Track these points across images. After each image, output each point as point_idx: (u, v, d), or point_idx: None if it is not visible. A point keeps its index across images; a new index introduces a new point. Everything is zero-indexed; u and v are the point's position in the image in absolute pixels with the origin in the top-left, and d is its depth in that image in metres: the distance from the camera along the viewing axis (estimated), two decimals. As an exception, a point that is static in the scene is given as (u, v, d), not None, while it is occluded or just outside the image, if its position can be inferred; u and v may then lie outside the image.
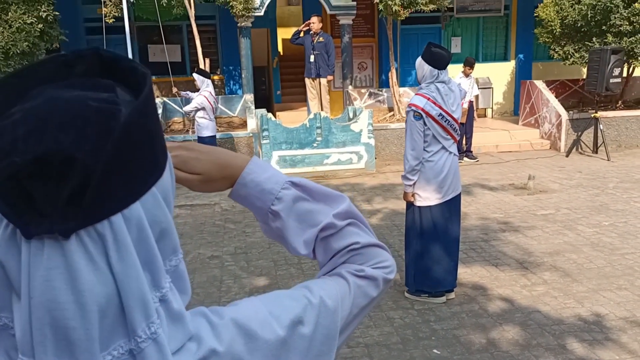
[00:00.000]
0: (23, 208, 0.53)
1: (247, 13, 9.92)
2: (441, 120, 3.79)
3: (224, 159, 0.85)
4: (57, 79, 0.58)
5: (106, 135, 0.54)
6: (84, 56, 0.61)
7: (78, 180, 0.52)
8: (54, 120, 0.53)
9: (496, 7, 12.69)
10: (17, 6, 7.65)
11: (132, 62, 0.63)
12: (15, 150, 0.52)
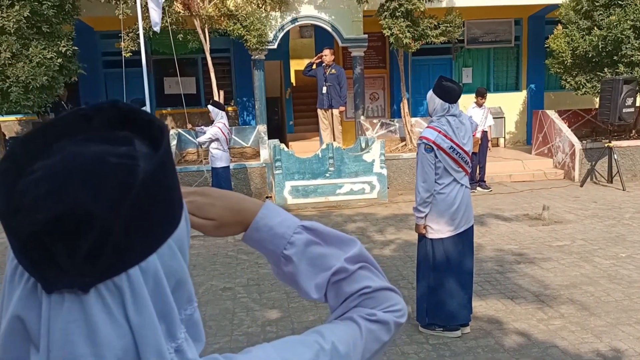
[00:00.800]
0: (44, 263, 0.54)
1: (261, 46, 10.11)
2: (452, 152, 3.80)
3: (237, 203, 0.86)
4: (77, 132, 0.60)
5: (125, 192, 0.55)
6: (102, 109, 0.63)
7: (96, 237, 0.54)
8: (73, 179, 0.54)
9: (506, 38, 12.80)
10: (38, 41, 7.88)
11: (149, 115, 0.65)
12: (36, 208, 0.54)
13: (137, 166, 0.58)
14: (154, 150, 0.61)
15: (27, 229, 0.54)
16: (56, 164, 0.56)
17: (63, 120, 0.62)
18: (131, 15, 8.96)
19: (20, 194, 0.56)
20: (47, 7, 7.80)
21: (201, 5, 9.68)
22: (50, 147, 0.59)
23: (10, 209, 0.56)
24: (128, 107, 0.65)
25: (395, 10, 8.61)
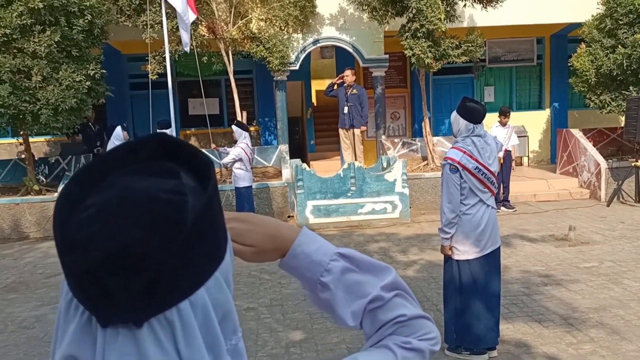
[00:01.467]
0: (100, 299, 0.56)
1: (283, 67, 10.24)
2: (478, 173, 3.78)
3: (275, 230, 0.88)
4: (124, 165, 0.62)
5: (176, 230, 0.57)
6: (148, 142, 0.65)
7: (150, 274, 0.56)
8: (125, 216, 0.56)
9: (529, 56, 12.75)
10: (68, 65, 8.10)
11: (194, 149, 0.67)
12: (91, 245, 0.56)
13: (186, 202, 0.59)
14: (200, 183, 0.63)
15: (83, 265, 0.56)
16: (108, 201, 0.58)
17: (112, 154, 0.64)
18: (157, 39, 9.17)
19: (75, 230, 0.58)
20: (77, 31, 8.04)
21: (225, 28, 9.87)
22: (102, 182, 0.61)
23: (66, 245, 0.58)
24: (173, 140, 0.67)
25: (416, 31, 8.66)
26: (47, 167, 9.91)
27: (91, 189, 0.60)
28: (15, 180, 9.65)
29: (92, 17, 8.18)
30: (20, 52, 7.88)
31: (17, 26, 7.67)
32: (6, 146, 11.82)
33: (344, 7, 10.60)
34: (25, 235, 8.84)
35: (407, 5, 8.62)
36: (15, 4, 7.62)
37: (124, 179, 0.60)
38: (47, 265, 7.14)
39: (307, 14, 10.33)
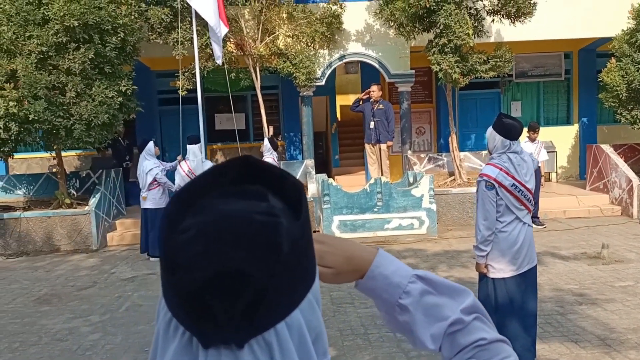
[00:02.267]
0: (202, 320, 0.57)
1: (309, 83, 10.32)
2: (514, 190, 3.73)
3: (353, 251, 0.88)
4: (214, 187, 0.64)
5: (274, 251, 0.58)
6: (234, 165, 0.67)
7: (252, 295, 0.57)
8: (225, 238, 0.58)
9: (556, 71, 12.63)
10: (101, 81, 8.29)
11: (279, 171, 0.68)
12: (195, 267, 0.57)
13: (281, 224, 0.60)
14: (287, 205, 0.63)
15: (186, 286, 0.57)
16: (206, 223, 0.59)
17: (202, 178, 0.66)
18: (187, 55, 9.34)
19: (177, 251, 0.59)
20: (110, 49, 8.23)
21: (253, 45, 10.01)
22: (195, 204, 0.62)
23: (169, 265, 0.59)
24: (258, 163, 0.68)
25: (444, 46, 8.65)
26: (78, 181, 10.11)
27: (186, 211, 0.62)
28: (47, 194, 9.86)
29: (125, 34, 8.37)
30: (55, 69, 8.10)
31: (52, 44, 7.89)
32: (38, 160, 12.09)
33: (370, 23, 10.67)
34: (56, 248, 9.00)
35: (434, 21, 8.63)
36: (51, 23, 7.85)
37: (217, 202, 0.61)
38: (78, 278, 7.25)
39: (334, 30, 10.42)
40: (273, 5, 10.15)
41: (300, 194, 0.65)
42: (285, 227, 0.60)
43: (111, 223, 9.72)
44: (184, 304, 0.58)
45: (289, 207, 0.63)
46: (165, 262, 0.60)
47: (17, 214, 8.95)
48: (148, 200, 7.90)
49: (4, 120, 7.74)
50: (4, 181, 10.15)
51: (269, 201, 0.62)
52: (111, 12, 8.10)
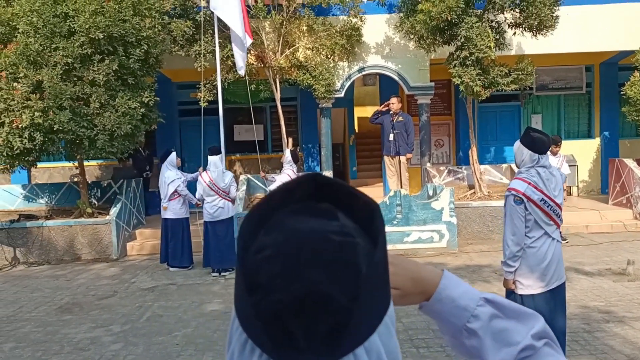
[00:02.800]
0: (281, 343, 0.56)
1: (329, 95, 10.34)
2: (543, 205, 3.68)
3: (418, 273, 0.87)
4: (283, 205, 0.63)
5: (354, 273, 0.57)
6: (303, 182, 0.66)
7: (334, 318, 0.56)
8: (304, 258, 0.57)
9: (577, 85, 12.51)
10: (124, 92, 8.40)
11: (349, 188, 0.67)
12: (274, 288, 0.56)
13: (358, 244, 0.60)
14: (358, 224, 0.62)
15: (266, 307, 0.56)
16: (282, 242, 0.59)
17: (271, 196, 0.66)
18: (208, 67, 9.42)
19: (255, 271, 0.58)
20: (133, 60, 8.35)
21: (273, 57, 10.08)
22: (267, 222, 0.62)
23: (248, 285, 0.58)
24: (326, 180, 0.67)
25: (465, 59, 8.63)
26: (99, 191, 10.21)
27: (260, 229, 0.62)
28: (68, 203, 9.97)
29: (148, 47, 8.49)
30: (80, 80, 8.22)
31: (78, 55, 8.02)
32: (60, 169, 12.25)
33: (389, 36, 10.68)
34: (77, 257, 9.08)
35: (455, 34, 8.61)
36: (77, 35, 7.98)
37: (289, 220, 0.61)
38: (99, 287, 7.30)
39: (354, 42, 10.45)
40: (294, 18, 10.22)
41: (373, 213, 0.64)
42: (362, 248, 0.60)
43: (131, 232, 9.79)
44: (263, 326, 0.57)
45: (360, 227, 0.63)
46: (243, 282, 0.59)
47: (39, 223, 9.06)
48: (169, 210, 7.95)
49: (29, 130, 7.86)
50: (27, 190, 10.29)
51: (339, 220, 0.61)
52: (135, 24, 8.21)
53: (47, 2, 7.94)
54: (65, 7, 7.99)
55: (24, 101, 7.85)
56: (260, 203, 0.65)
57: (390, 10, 10.49)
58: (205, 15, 9.34)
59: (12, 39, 8.17)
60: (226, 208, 7.66)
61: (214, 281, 7.39)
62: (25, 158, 8.32)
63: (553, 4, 8.62)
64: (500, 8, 8.66)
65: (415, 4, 9.19)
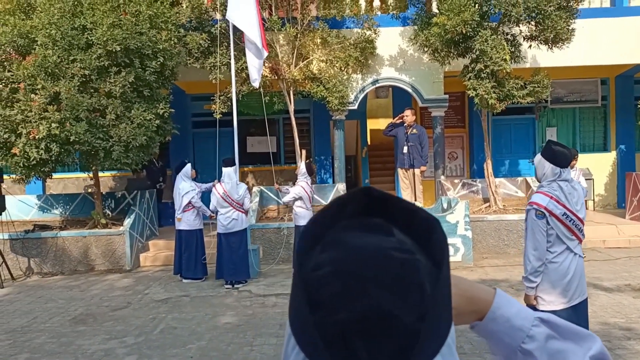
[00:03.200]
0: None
1: (342, 107, 10.35)
2: (565, 219, 3.62)
3: (471, 291, 0.84)
4: (337, 220, 0.62)
5: (418, 293, 0.55)
6: (356, 196, 0.64)
7: (399, 338, 0.54)
8: (366, 276, 0.55)
9: (592, 98, 12.42)
10: (139, 104, 8.46)
11: (405, 203, 0.65)
12: (337, 307, 0.54)
13: (419, 261, 0.58)
14: (415, 241, 0.60)
15: (329, 327, 0.54)
16: (341, 259, 0.57)
17: (325, 211, 0.64)
18: (223, 79, 9.48)
19: (316, 288, 0.57)
20: (149, 73, 8.42)
21: (287, 69, 10.12)
22: (323, 238, 0.60)
23: (310, 302, 0.56)
24: (380, 194, 0.65)
25: (480, 72, 8.60)
26: (113, 202, 10.26)
27: (315, 246, 0.60)
28: (83, 214, 10.02)
29: (164, 59, 8.56)
30: (96, 92, 8.29)
31: (95, 67, 8.10)
32: (74, 180, 12.35)
33: (403, 48, 10.70)
34: (91, 267, 9.11)
35: (470, 47, 8.60)
36: (94, 47, 8.07)
37: (345, 235, 0.59)
38: (112, 298, 7.30)
39: (367, 55, 10.48)
40: (308, 31, 10.28)
41: (432, 229, 0.62)
42: (424, 265, 0.58)
43: (144, 244, 9.81)
44: (324, 346, 0.55)
45: (418, 243, 0.60)
46: (303, 300, 0.57)
47: (53, 233, 9.10)
48: (183, 221, 7.96)
49: (45, 141, 7.93)
50: (41, 200, 10.37)
51: (395, 236, 0.60)
52: (152, 37, 8.29)
53: (66, 15, 8.05)
54: (84, 20, 8.10)
55: (42, 112, 7.93)
56: (313, 219, 0.64)
57: (404, 23, 10.51)
58: (221, 28, 9.42)
59: (30, 51, 8.27)
60: (240, 220, 7.65)
61: (227, 293, 7.36)
62: (41, 169, 8.38)
63: (569, 17, 8.59)
64: (516, 21, 8.64)
65: (430, 17, 9.20)
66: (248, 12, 8.10)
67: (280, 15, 10.23)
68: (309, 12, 10.38)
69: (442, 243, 0.61)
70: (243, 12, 8.10)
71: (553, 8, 8.26)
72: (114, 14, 8.07)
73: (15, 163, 8.20)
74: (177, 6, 9.60)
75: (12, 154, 8.13)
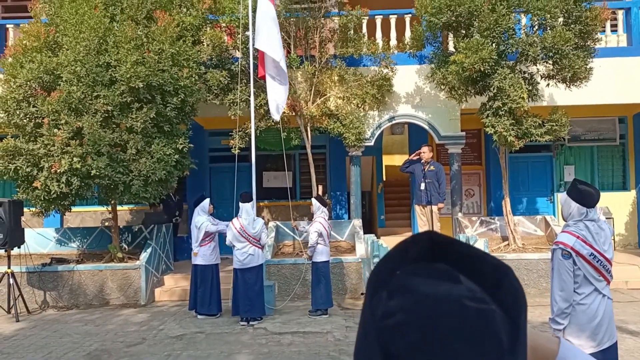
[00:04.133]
0: None
1: (359, 143, 10.40)
2: (593, 260, 3.55)
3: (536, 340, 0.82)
4: (400, 264, 0.61)
5: (497, 346, 0.54)
6: (418, 241, 0.63)
7: None
8: (441, 327, 0.53)
9: (610, 136, 12.36)
10: (160, 139, 8.58)
11: (471, 248, 0.63)
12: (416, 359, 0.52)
13: (495, 312, 0.56)
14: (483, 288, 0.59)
15: None
16: (413, 308, 0.55)
17: (388, 256, 0.63)
18: (242, 115, 9.62)
19: (389, 339, 0.55)
20: (170, 109, 8.57)
21: (305, 106, 10.24)
22: (388, 284, 0.59)
23: (383, 355, 0.55)
24: (444, 239, 0.64)
25: (498, 109, 8.62)
26: (130, 235, 10.30)
27: (381, 292, 0.59)
28: (99, 247, 10.06)
29: (185, 95, 8.71)
30: (117, 127, 8.44)
31: (118, 103, 8.27)
32: (92, 214, 12.45)
33: (420, 86, 10.79)
34: (106, 301, 9.07)
35: (488, 84, 8.65)
36: (118, 84, 8.26)
37: (411, 282, 0.58)
38: (127, 334, 7.23)
39: (384, 92, 10.58)
40: (325, 69, 10.44)
41: (503, 277, 0.60)
42: (499, 315, 0.56)
43: (160, 278, 9.78)
44: None
45: (487, 292, 0.59)
46: (375, 351, 0.56)
47: (70, 267, 9.13)
48: (199, 256, 7.94)
49: (67, 175, 8.04)
50: (59, 234, 10.44)
51: (463, 283, 0.58)
52: (174, 74, 8.47)
53: (91, 52, 8.27)
54: (108, 58, 8.30)
55: (64, 147, 8.06)
56: (378, 264, 0.63)
57: (420, 62, 10.64)
58: (241, 65, 9.60)
59: (55, 87, 8.47)
60: (256, 255, 7.60)
61: (242, 330, 7.26)
62: (61, 202, 8.47)
63: (586, 56, 8.63)
64: (533, 60, 8.71)
65: (447, 55, 9.30)
66: (273, 40, 8.31)
67: (299, 54, 10.42)
68: (327, 50, 10.57)
69: (516, 292, 0.60)
70: (269, 39, 8.32)
71: (570, 48, 8.32)
72: (137, 51, 8.27)
73: (36, 196, 8.31)
74: (199, 44, 9.83)
75: (33, 187, 8.25)
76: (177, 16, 9.10)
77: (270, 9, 8.45)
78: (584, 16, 8.60)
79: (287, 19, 10.17)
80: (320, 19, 10.26)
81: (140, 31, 8.46)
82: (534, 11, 8.57)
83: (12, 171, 8.19)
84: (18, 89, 8.42)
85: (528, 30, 9.06)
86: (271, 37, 8.32)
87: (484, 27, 8.44)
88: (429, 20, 8.97)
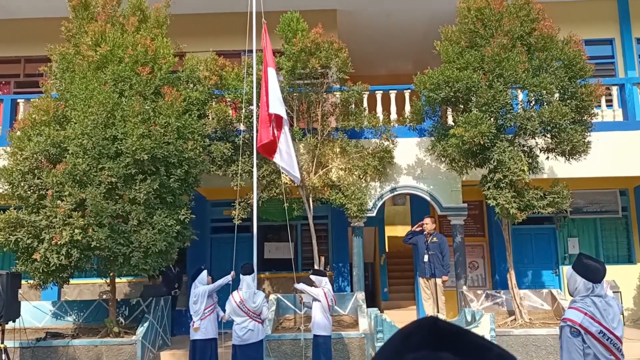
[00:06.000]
0: None
1: (361, 214, 10.39)
2: (602, 338, 3.45)
3: None
4: (402, 353, 0.59)
5: None
6: (421, 327, 0.61)
7: None
8: None
9: (613, 208, 12.34)
10: (162, 210, 8.59)
11: (475, 337, 0.61)
12: None
13: None
14: None
15: None
16: None
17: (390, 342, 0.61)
18: (244, 186, 9.69)
19: None
20: (173, 180, 8.63)
21: (307, 177, 10.33)
22: None
23: None
24: (448, 327, 0.62)
25: (499, 182, 8.68)
26: (127, 309, 10.07)
27: None
28: (96, 321, 9.81)
29: (189, 167, 8.81)
30: (120, 199, 8.46)
31: (122, 175, 8.34)
32: (90, 286, 12.24)
33: (420, 158, 10.93)
34: (99, 379, 8.73)
35: (488, 157, 8.76)
36: (123, 156, 8.36)
37: None
38: (119, 414, 6.90)
39: (385, 163, 10.70)
40: (327, 141, 10.62)
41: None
42: None
43: (155, 354, 9.46)
44: None
45: None
46: None
47: (65, 342, 8.86)
48: (200, 330, 7.72)
49: (67, 246, 7.98)
50: (56, 307, 10.22)
51: None
52: (178, 146, 8.61)
53: (99, 125, 8.44)
54: (115, 131, 8.46)
55: (66, 218, 8.06)
56: (380, 351, 0.61)
57: (421, 135, 10.83)
58: (244, 138, 9.78)
59: (61, 159, 8.58)
60: (256, 330, 7.39)
61: (241, 411, 6.93)
62: (60, 274, 8.35)
63: (584, 130, 8.79)
64: (532, 134, 8.86)
65: (447, 128, 9.48)
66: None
67: (301, 126, 10.64)
68: (329, 123, 10.80)
69: None
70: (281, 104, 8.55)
71: (568, 122, 8.49)
72: (144, 125, 8.44)
73: (35, 268, 8.20)
74: (204, 118, 10.06)
75: (32, 259, 8.16)
76: (184, 91, 9.38)
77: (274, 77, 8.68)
78: (579, 92, 8.85)
79: (290, 93, 10.47)
80: (322, 93, 10.56)
81: (147, 105, 8.68)
82: (530, 87, 8.81)
83: (13, 243, 8.14)
84: (24, 162, 8.52)
85: (525, 105, 9.29)
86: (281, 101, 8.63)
87: (482, 102, 8.66)
88: (427, 96, 9.22)
